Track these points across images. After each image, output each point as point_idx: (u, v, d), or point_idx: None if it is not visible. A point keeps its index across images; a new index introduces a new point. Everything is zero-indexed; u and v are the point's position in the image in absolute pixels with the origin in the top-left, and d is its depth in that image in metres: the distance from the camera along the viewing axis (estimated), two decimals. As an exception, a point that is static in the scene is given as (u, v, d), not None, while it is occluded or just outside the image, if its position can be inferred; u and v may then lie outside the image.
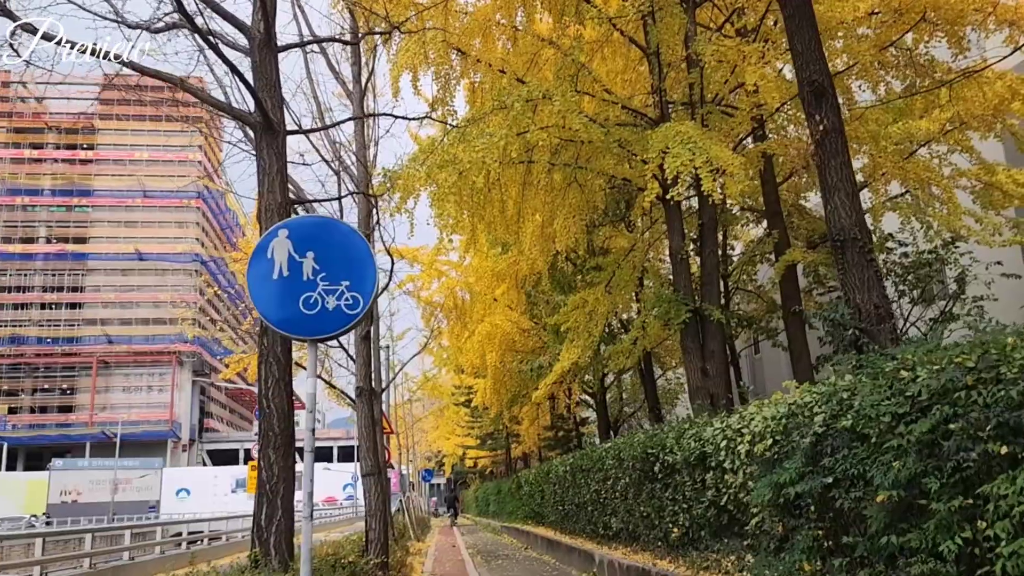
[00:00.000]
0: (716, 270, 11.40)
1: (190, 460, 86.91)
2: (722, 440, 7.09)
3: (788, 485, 5.43)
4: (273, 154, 6.76)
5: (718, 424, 7.38)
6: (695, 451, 7.83)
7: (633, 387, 29.29)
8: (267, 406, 5.58)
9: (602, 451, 12.08)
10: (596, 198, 12.79)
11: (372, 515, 10.52)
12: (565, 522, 15.86)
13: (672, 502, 8.74)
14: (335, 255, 4.85)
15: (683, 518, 8.47)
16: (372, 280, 4.88)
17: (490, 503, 37.52)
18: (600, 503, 12.33)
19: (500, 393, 25.79)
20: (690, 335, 11.03)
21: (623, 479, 10.52)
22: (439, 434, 49.48)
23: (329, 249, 4.86)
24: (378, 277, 4.88)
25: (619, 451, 10.74)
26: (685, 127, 9.27)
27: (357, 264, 4.86)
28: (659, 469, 8.97)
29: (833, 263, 6.75)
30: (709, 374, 10.80)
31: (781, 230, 13.43)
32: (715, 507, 7.75)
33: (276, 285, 4.76)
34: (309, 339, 4.78)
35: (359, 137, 11.79)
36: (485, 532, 29.86)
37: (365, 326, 10.94)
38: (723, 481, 7.33)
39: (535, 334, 22.82)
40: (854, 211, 6.53)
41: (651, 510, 9.52)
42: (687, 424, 8.45)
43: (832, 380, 5.48)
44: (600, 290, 15.67)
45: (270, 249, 4.85)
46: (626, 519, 10.77)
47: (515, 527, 23.43)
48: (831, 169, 6.62)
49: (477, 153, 8.97)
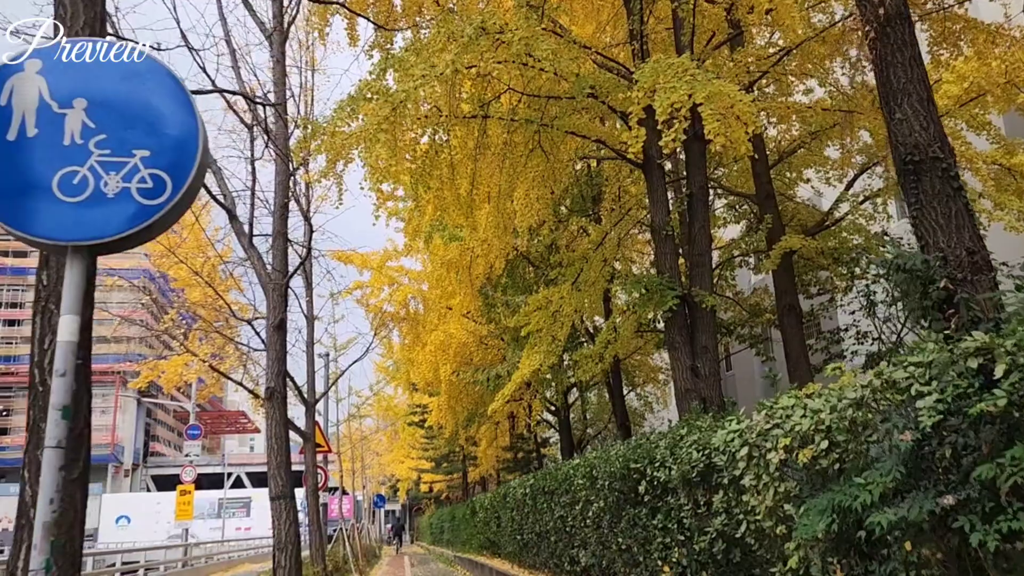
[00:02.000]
0: (708, 249, 9.50)
1: (133, 485, 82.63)
2: (740, 447, 5.11)
3: (870, 511, 3.47)
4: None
5: (734, 425, 5.41)
6: (698, 464, 5.85)
7: (599, 404, 27.37)
8: (43, 381, 3.50)
9: (569, 468, 10.03)
10: (563, 172, 10.86)
11: (281, 549, 8.33)
12: (524, 554, 13.73)
13: (663, 532, 6.73)
14: (124, 107, 2.81)
15: (678, 553, 6.46)
16: (193, 152, 2.82)
17: (444, 530, 35.08)
18: (566, 532, 10.26)
19: (455, 411, 23.84)
20: (677, 328, 9.09)
21: (596, 503, 8.47)
22: (393, 457, 46.77)
23: (114, 98, 2.82)
24: (203, 148, 2.80)
25: (591, 468, 8.71)
26: (680, 60, 7.40)
27: (164, 123, 2.84)
28: (645, 489, 6.96)
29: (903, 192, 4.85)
30: (700, 373, 8.86)
31: (775, 216, 11.65)
32: (725, 540, 5.77)
33: (9, 149, 2.73)
34: (69, 243, 2.73)
35: (279, 89, 9.73)
36: (438, 562, 27.52)
37: (278, 313, 8.83)
38: (739, 504, 5.36)
39: (493, 345, 20.80)
40: (931, 122, 4.70)
41: (633, 542, 7.49)
42: (685, 429, 6.46)
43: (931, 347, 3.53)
44: (566, 288, 13.73)
45: (6, 90, 2.81)
46: (599, 553, 8.71)
47: (469, 558, 21.17)
48: (896, 68, 4.80)
49: (415, 82, 6.97)
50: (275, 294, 8.88)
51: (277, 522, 8.48)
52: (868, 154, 12.40)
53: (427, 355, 21.31)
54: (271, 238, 9.32)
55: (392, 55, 7.59)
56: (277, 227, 9.25)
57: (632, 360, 22.06)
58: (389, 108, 7.03)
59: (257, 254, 9.20)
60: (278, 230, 9.23)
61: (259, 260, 9.14)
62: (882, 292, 13.71)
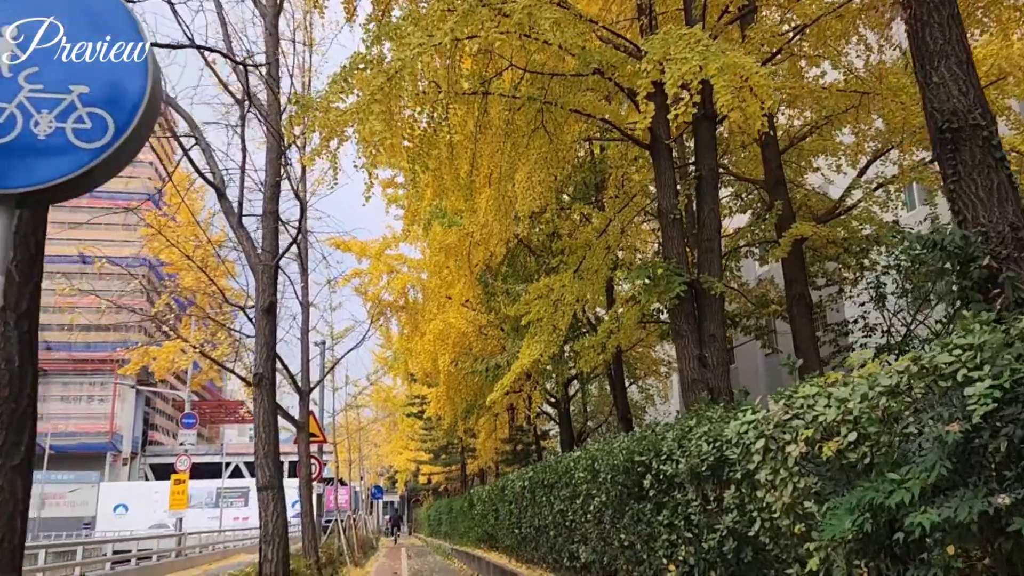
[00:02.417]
0: (718, 234, 9.09)
1: (132, 474, 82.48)
2: (756, 439, 4.74)
3: (907, 510, 3.10)
4: None
5: (749, 416, 5.03)
6: (708, 457, 5.49)
7: (600, 396, 27.01)
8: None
9: (569, 461, 9.68)
10: (567, 154, 10.45)
11: (268, 541, 7.97)
12: (522, 548, 13.38)
13: (669, 529, 6.37)
14: (60, 35, 2.46)
15: (685, 552, 6.10)
16: (139, 90, 2.46)
17: (442, 522, 34.78)
18: (566, 527, 9.91)
19: (454, 401, 23.49)
20: (684, 315, 8.70)
21: (598, 497, 8.11)
22: (391, 448, 46.38)
23: (51, 23, 2.47)
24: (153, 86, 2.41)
25: (593, 461, 8.35)
26: (692, 30, 6.99)
27: (107, 54, 2.47)
28: (651, 483, 6.59)
29: (939, 163, 4.45)
30: (708, 363, 8.48)
31: (785, 202, 11.26)
32: (736, 538, 5.41)
33: (-79, 81, 2.35)
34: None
35: (271, 63, 9.33)
36: (435, 555, 27.21)
37: (267, 295, 8.44)
38: (753, 500, 5.00)
39: (492, 335, 20.41)
40: (970, 86, 4.30)
41: (637, 539, 7.13)
42: (694, 420, 6.09)
43: (976, 328, 3.14)
44: (568, 276, 13.35)
45: (-80, 14, 2.43)
46: (600, 549, 8.36)
47: (466, 551, 20.86)
48: (933, 28, 4.40)
49: (411, 51, 6.57)
50: (264, 276, 8.50)
51: (264, 513, 8.11)
52: (882, 140, 12.00)
53: (426, 345, 20.93)
54: (261, 218, 8.94)
55: (388, 24, 7.18)
56: (267, 206, 8.87)
57: (634, 352, 21.69)
58: (384, 78, 6.63)
59: (246, 234, 8.82)
60: (268, 209, 8.86)
61: (248, 240, 8.76)
62: (892, 284, 13.33)
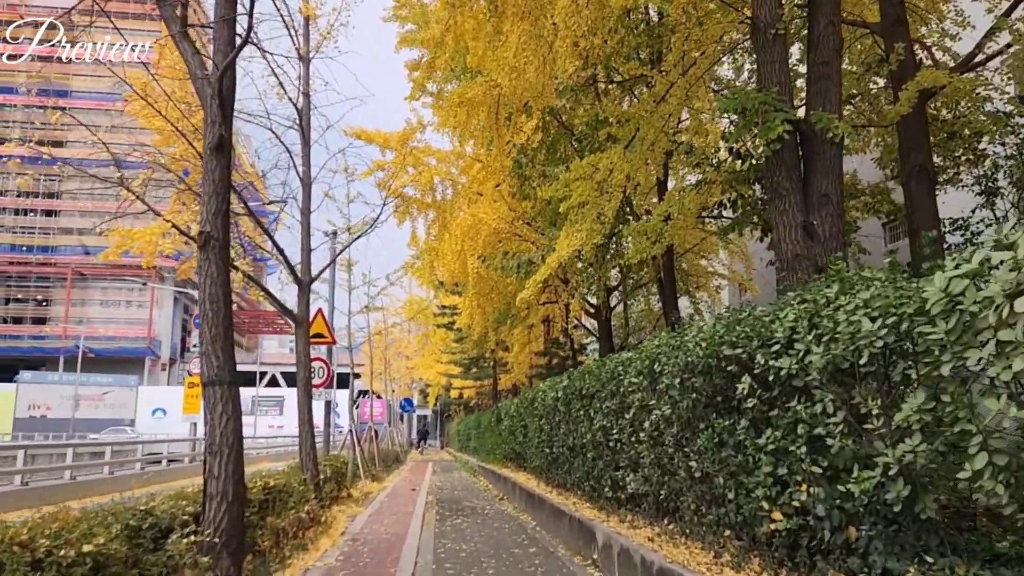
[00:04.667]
0: (838, 55, 6.54)
1: (171, 379, 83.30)
2: (968, 302, 2.42)
3: None
4: None
5: (963, 268, 2.71)
6: (874, 341, 3.19)
7: (648, 308, 24.68)
8: None
9: (616, 364, 7.44)
10: None
11: (214, 453, 5.93)
12: (553, 471, 11.38)
13: (777, 457, 4.13)
14: None
15: (807, 494, 3.87)
16: None
17: (471, 437, 33.32)
18: (608, 448, 7.76)
19: (484, 309, 21.52)
20: (785, 168, 6.27)
21: (658, 409, 5.89)
22: (423, 361, 44.83)
23: None
24: None
25: (652, 361, 6.08)
26: None
27: None
28: (748, 389, 4.32)
29: None
30: (816, 235, 6.08)
31: (907, 46, 8.58)
32: (912, 480, 3.17)
33: None
34: None
35: None
36: (463, 471, 25.72)
37: (216, 128, 6.16)
38: (970, 413, 2.73)
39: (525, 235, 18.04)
40: None
41: (718, 468, 4.91)
42: (837, 283, 3.76)
43: None
44: (618, 151, 10.93)
45: None
46: (657, 479, 6.19)
47: (492, 469, 19.10)
48: None
49: None
50: (213, 102, 6.26)
51: (211, 416, 6.08)
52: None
53: (453, 244, 18.74)
54: (214, 28, 6.62)
55: None
56: (221, 10, 6.54)
57: (686, 260, 19.24)
58: None
59: (191, 48, 6.55)
60: (222, 15, 6.53)
61: (195, 57, 6.48)
62: (1004, 178, 10.54)
